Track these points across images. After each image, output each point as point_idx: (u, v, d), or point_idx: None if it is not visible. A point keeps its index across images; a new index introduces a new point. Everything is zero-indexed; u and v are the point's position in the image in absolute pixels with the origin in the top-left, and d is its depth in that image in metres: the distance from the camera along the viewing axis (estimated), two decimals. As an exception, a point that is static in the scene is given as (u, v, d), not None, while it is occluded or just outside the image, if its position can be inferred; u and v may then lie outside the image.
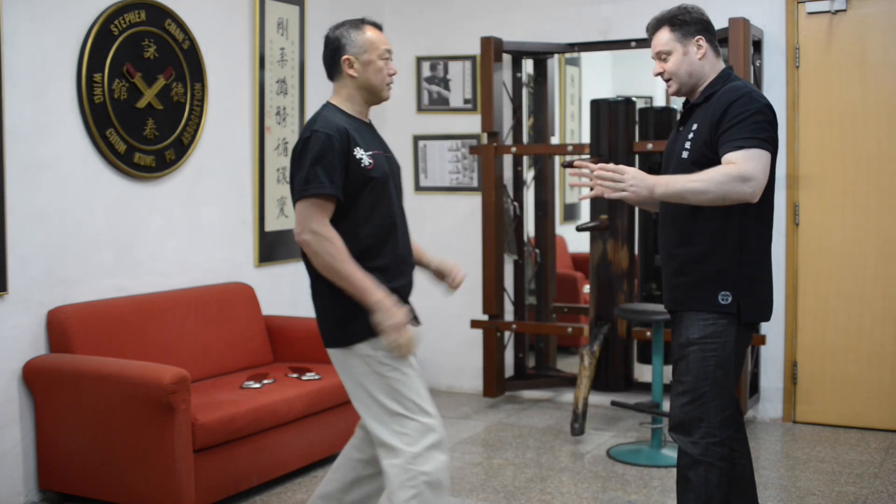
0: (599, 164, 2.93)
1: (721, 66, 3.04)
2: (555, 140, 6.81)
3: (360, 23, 2.97)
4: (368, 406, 2.91)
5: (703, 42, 3.00)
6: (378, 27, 3.00)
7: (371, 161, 2.89)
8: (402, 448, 2.86)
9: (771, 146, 2.87)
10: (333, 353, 2.95)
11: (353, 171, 2.86)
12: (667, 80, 3.06)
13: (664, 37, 3.01)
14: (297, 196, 2.84)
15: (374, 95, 2.99)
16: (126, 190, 4.32)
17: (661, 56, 3.03)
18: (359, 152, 2.87)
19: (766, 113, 2.88)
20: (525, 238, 5.91)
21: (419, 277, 3.12)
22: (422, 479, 2.85)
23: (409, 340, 2.86)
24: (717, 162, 2.88)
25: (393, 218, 2.96)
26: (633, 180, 2.84)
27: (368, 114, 3.04)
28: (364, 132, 2.97)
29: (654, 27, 3.05)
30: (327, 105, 2.99)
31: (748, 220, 2.93)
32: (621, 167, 2.88)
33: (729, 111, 2.86)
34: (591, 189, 3.03)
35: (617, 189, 2.88)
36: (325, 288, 2.88)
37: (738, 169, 2.77)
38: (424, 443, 2.87)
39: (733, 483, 3.06)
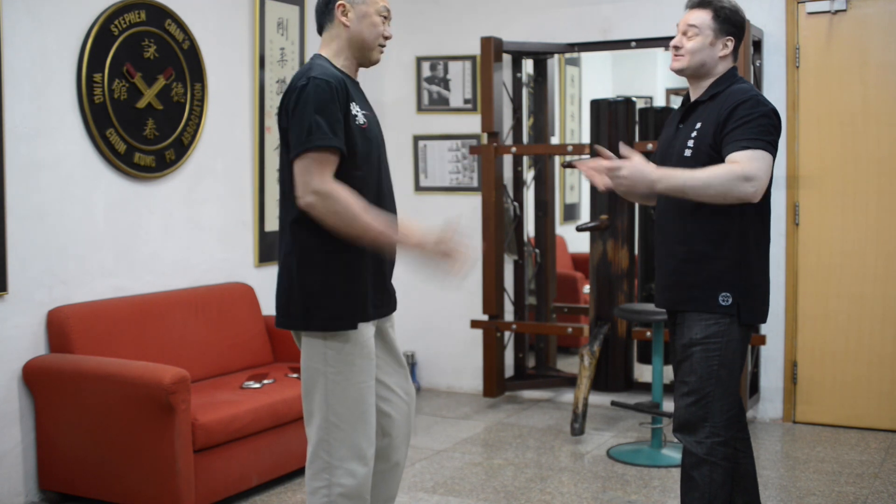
0: (601, 159, 2.90)
1: (729, 65, 3.05)
2: (555, 140, 6.81)
3: None
4: (307, 393, 2.76)
5: (731, 44, 3.00)
6: None
7: (365, 120, 2.71)
8: (321, 454, 2.73)
9: (774, 149, 2.87)
10: (302, 335, 2.78)
11: (349, 128, 2.65)
12: (678, 55, 3.01)
13: (703, 18, 2.97)
14: (296, 151, 2.58)
15: (364, 54, 2.78)
16: (126, 190, 4.33)
17: (688, 30, 2.99)
18: (354, 108, 2.67)
19: (772, 117, 2.88)
20: (525, 238, 5.91)
21: (413, 280, 3.09)
22: (337, 490, 2.71)
23: (452, 249, 2.65)
24: (721, 161, 2.88)
25: (380, 185, 2.77)
26: (629, 175, 2.82)
27: (357, 74, 2.82)
28: (355, 89, 2.77)
29: (700, 3, 2.99)
30: (318, 56, 2.77)
31: (748, 222, 2.92)
32: (619, 163, 2.85)
33: (735, 112, 2.86)
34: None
35: (612, 181, 2.87)
36: (293, 265, 2.69)
37: (742, 168, 2.77)
38: (342, 455, 2.71)
39: (736, 483, 3.07)
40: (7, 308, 3.84)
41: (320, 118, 2.57)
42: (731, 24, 2.99)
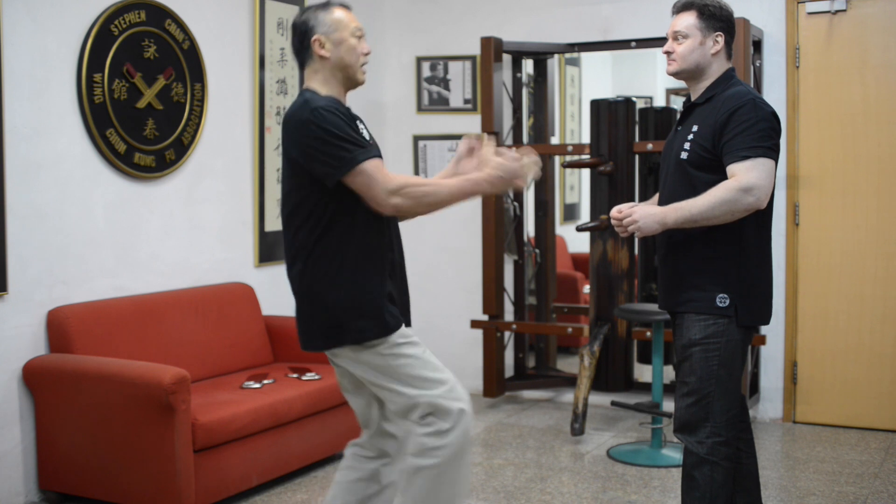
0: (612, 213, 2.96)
1: (727, 66, 3.04)
2: (555, 140, 6.81)
3: (326, 4, 2.84)
4: (389, 392, 2.81)
5: (721, 40, 3.00)
6: (346, 7, 2.87)
7: (370, 136, 2.79)
8: (420, 403, 2.77)
9: (775, 153, 2.87)
10: (340, 352, 2.82)
11: None
12: (671, 60, 3.04)
13: (689, 20, 2.99)
14: (344, 170, 2.65)
15: (349, 77, 2.83)
16: (126, 190, 4.32)
17: (677, 36, 3.01)
18: (360, 125, 2.76)
19: (771, 121, 2.88)
20: (525, 238, 5.91)
21: (413, 280, 3.10)
22: (446, 451, 2.74)
23: (524, 168, 2.78)
24: (717, 165, 2.89)
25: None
26: (640, 218, 2.84)
27: (346, 100, 2.88)
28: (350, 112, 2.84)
29: (683, 6, 3.03)
30: (308, 90, 2.82)
31: (747, 224, 2.92)
32: (628, 211, 2.89)
33: (734, 118, 2.86)
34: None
35: (628, 228, 2.91)
36: (319, 291, 2.77)
37: (739, 181, 2.79)
38: (439, 393, 2.81)
39: (737, 483, 3.07)
40: (7, 308, 3.84)
41: (344, 142, 2.65)
42: (718, 20, 2.99)
